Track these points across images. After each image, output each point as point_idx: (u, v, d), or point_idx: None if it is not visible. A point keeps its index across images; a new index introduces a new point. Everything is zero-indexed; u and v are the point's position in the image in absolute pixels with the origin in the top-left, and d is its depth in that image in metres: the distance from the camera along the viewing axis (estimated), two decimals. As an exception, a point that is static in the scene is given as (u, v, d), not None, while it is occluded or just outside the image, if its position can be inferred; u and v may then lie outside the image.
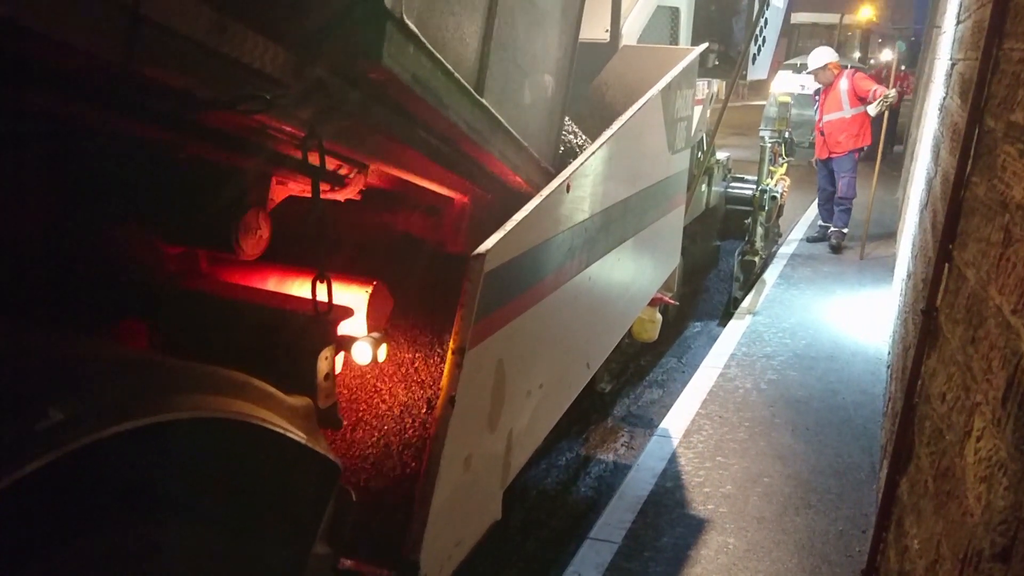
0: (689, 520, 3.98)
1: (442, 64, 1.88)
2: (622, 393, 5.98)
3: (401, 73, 1.69)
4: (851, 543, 3.80)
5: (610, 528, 3.88)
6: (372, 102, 1.80)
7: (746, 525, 3.92)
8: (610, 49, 4.22)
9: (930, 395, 2.58)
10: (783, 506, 4.09)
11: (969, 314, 2.18)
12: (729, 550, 3.74)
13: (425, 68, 1.80)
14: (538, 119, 2.81)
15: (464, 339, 2.17)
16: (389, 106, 1.86)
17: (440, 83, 1.89)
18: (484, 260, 2.19)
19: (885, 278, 8.04)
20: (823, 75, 8.81)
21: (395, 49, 1.63)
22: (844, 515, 4.01)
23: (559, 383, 2.99)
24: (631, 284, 3.67)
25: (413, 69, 1.74)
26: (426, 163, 2.32)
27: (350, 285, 2.53)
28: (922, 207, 4.55)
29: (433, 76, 1.85)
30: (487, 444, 2.50)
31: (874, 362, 6.02)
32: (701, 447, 4.69)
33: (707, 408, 5.21)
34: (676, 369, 6.54)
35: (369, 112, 1.85)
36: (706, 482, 4.32)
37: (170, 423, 1.62)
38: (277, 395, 2.04)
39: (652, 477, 4.35)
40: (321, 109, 1.74)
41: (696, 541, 3.82)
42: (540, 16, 2.65)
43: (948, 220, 2.64)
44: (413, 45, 1.72)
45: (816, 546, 3.78)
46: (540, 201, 2.49)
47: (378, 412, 2.60)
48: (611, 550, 3.71)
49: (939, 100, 4.93)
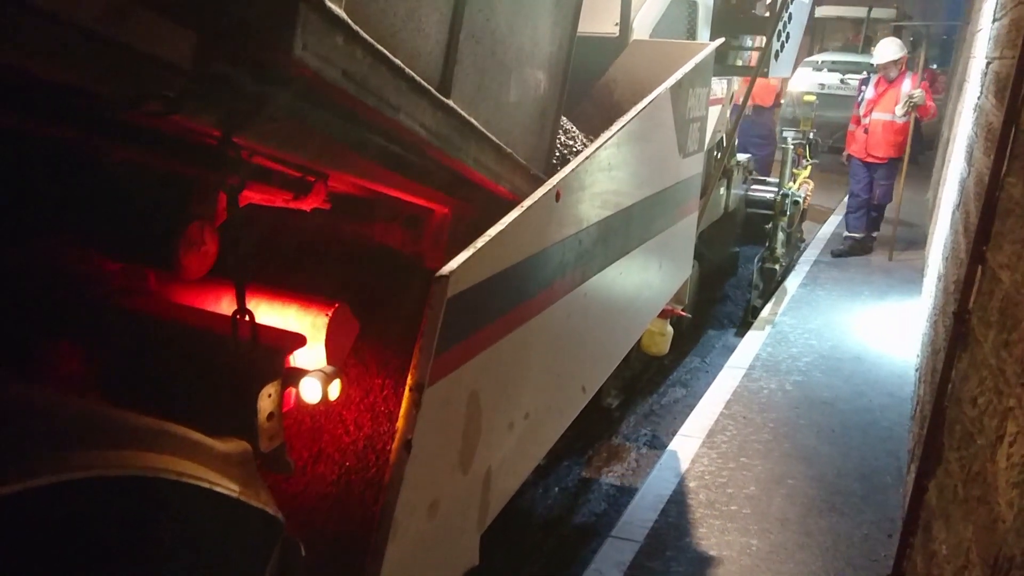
0: (712, 520, 3.88)
1: (386, 58, 1.54)
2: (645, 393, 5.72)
3: (324, 68, 1.36)
4: (876, 547, 3.69)
5: (632, 527, 3.79)
6: (300, 102, 1.47)
7: (769, 527, 3.82)
8: (620, 44, 3.84)
9: (961, 399, 2.52)
10: (807, 508, 3.98)
11: (1003, 317, 2.11)
12: (752, 551, 3.64)
13: (361, 63, 1.46)
14: (526, 121, 2.46)
15: (423, 375, 1.83)
16: (324, 107, 1.53)
17: (384, 81, 1.55)
18: (447, 283, 1.85)
19: (914, 280, 7.75)
20: (892, 69, 8.03)
21: (313, 39, 1.30)
22: (869, 519, 3.90)
23: (549, 411, 2.65)
24: (636, 299, 3.30)
25: (343, 63, 1.41)
26: (387, 173, 2.00)
27: (308, 308, 2.20)
28: (954, 208, 4.45)
29: (374, 72, 1.51)
30: (458, 486, 2.16)
31: (902, 365, 5.82)
32: (725, 447, 4.58)
33: (731, 408, 5.07)
34: (700, 369, 6.31)
35: (301, 114, 1.52)
36: (729, 483, 4.20)
37: (58, 486, 1.33)
38: (203, 442, 1.72)
39: (675, 476, 4.24)
40: (236, 110, 1.42)
41: (719, 541, 3.71)
42: (527, 5, 2.30)
43: (982, 221, 2.55)
44: (342, 35, 1.38)
45: (841, 549, 3.66)
46: (519, 214, 2.14)
47: (341, 445, 2.28)
48: (633, 549, 3.63)
49: (974, 99, 4.74)
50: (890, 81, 8.08)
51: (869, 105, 8.19)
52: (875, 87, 8.23)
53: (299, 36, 1.26)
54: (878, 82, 8.21)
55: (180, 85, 1.34)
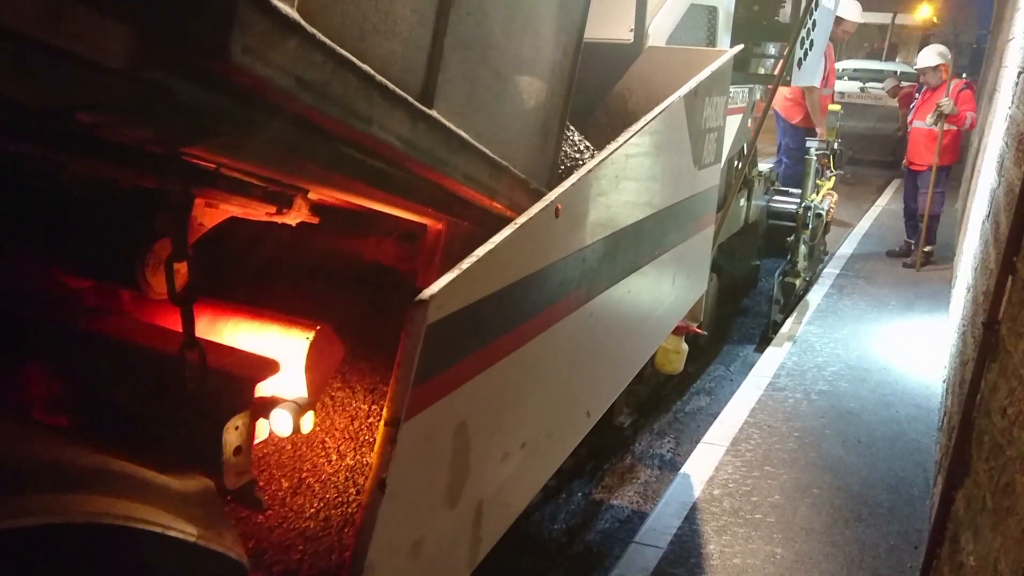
0: (736, 528, 3.80)
1: (353, 65, 1.36)
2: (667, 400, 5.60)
3: (274, 76, 1.18)
4: (903, 558, 3.60)
5: (656, 533, 3.74)
6: (251, 113, 1.30)
7: (794, 536, 3.74)
8: (634, 51, 3.64)
9: (990, 409, 2.48)
10: (833, 518, 3.90)
11: (1034, 327, 2.06)
12: (777, 560, 3.56)
13: (320, 69, 1.28)
14: (526, 133, 2.27)
15: (398, 408, 1.65)
16: (282, 119, 1.36)
17: (351, 90, 1.37)
18: (427, 308, 1.67)
19: (942, 290, 7.53)
20: (932, 76, 7.87)
21: (257, 43, 1.12)
22: (896, 529, 3.82)
23: (550, 439, 2.45)
24: (647, 317, 3.09)
25: (297, 70, 1.23)
26: (370, 188, 1.82)
27: (288, 329, 2.03)
28: (984, 218, 4.37)
29: (337, 80, 1.33)
30: (445, 523, 1.97)
31: (929, 376, 5.65)
32: (749, 456, 4.49)
33: (756, 417, 4.96)
34: (724, 377, 6.15)
35: (257, 126, 1.35)
36: (754, 491, 4.12)
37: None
38: (155, 481, 1.56)
39: (699, 484, 4.17)
40: (179, 121, 1.25)
41: (743, 550, 3.63)
42: (526, 10, 2.12)
43: (1013, 232, 2.53)
44: (295, 38, 1.21)
45: (867, 560, 3.58)
46: (512, 231, 1.95)
47: (322, 476, 2.11)
48: (657, 555, 3.58)
49: (1005, 109, 4.57)
50: (933, 89, 7.95)
51: (913, 114, 8.18)
52: (922, 95, 8.15)
53: (236, 39, 1.09)
54: (925, 90, 8.12)
55: (113, 92, 1.17)
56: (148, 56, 1.11)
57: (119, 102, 1.17)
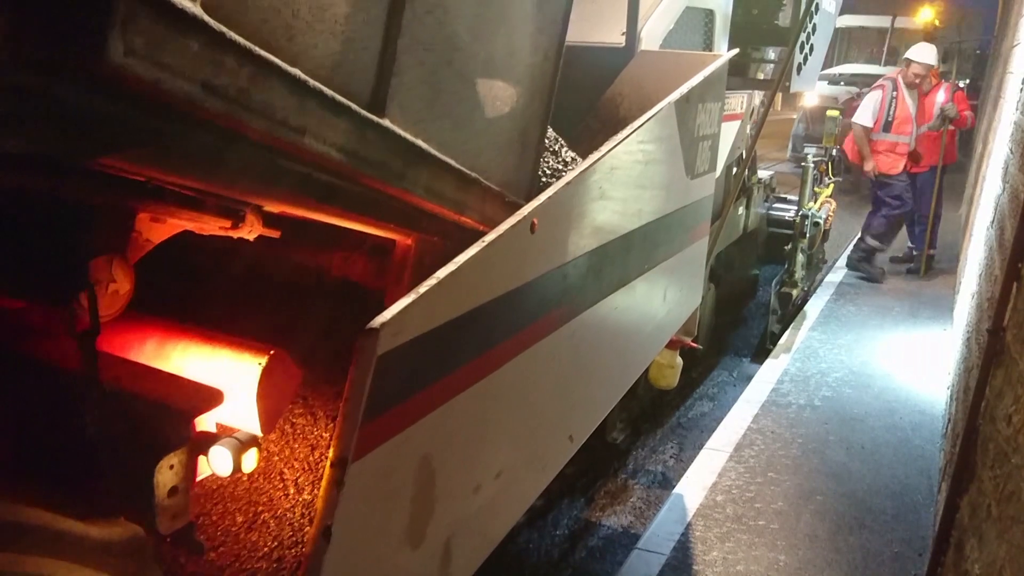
0: (739, 535, 3.72)
1: (278, 68, 1.18)
2: (670, 406, 5.47)
3: (170, 80, 0.99)
4: (907, 565, 3.53)
5: (658, 539, 3.68)
6: (166, 122, 1.11)
7: (798, 543, 3.67)
8: (626, 54, 3.45)
9: (995, 416, 2.44)
10: (836, 525, 3.82)
11: (1040, 334, 2.00)
12: (780, 567, 3.50)
13: (235, 73, 1.09)
14: (500, 142, 2.08)
15: (345, 448, 1.46)
16: (196, 129, 1.17)
17: (275, 96, 1.19)
18: (377, 338, 1.48)
19: (946, 296, 7.37)
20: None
21: (144, 42, 0.94)
22: (900, 537, 3.75)
23: (529, 466, 2.25)
24: (636, 333, 2.89)
25: (203, 74, 1.05)
26: (321, 204, 1.64)
27: (239, 353, 1.85)
28: (988, 225, 4.29)
29: (257, 86, 1.14)
30: (408, 564, 1.78)
31: (933, 382, 5.55)
32: (752, 462, 4.39)
33: (759, 423, 4.86)
34: (727, 383, 6.05)
35: (175, 135, 1.17)
36: (757, 497, 4.03)
37: None
38: (71, 531, 1.37)
39: (702, 490, 4.09)
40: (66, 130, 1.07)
41: (746, 556, 3.56)
42: (497, 10, 1.93)
43: (1018, 238, 2.52)
44: (199, 37, 1.03)
45: (871, 567, 3.52)
46: (480, 249, 1.76)
47: (279, 511, 1.92)
48: (659, 561, 3.51)
49: (1010, 116, 4.41)
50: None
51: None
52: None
53: (117, 38, 0.90)
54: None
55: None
56: (18, 56, 0.93)
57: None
